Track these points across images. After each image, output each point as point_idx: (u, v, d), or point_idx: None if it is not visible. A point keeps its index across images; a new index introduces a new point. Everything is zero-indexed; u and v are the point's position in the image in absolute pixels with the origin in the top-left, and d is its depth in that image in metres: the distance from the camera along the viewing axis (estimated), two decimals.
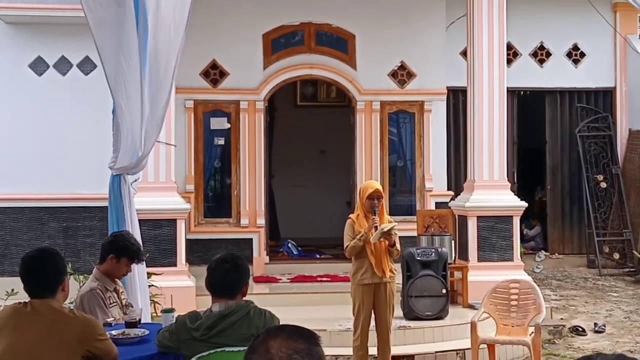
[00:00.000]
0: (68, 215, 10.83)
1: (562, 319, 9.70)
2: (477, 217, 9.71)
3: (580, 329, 9.30)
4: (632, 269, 12.55)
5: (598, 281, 12.07)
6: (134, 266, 5.55)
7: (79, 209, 10.79)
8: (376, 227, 6.91)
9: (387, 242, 6.94)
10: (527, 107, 13.17)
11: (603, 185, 12.96)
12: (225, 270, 4.23)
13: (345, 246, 7.07)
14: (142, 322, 5.05)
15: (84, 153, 10.40)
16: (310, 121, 14.07)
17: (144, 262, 5.98)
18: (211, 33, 10.92)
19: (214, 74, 11.29)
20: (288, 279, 10.69)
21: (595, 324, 9.47)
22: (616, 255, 12.78)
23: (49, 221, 10.85)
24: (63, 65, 10.94)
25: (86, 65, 10.81)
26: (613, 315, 10.00)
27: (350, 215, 7.22)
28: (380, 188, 7.20)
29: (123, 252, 5.20)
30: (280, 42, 11.51)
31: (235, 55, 11.30)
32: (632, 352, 8.50)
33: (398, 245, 7.08)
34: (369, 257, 6.99)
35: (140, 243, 5.63)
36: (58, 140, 10.70)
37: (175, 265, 9.20)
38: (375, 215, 6.95)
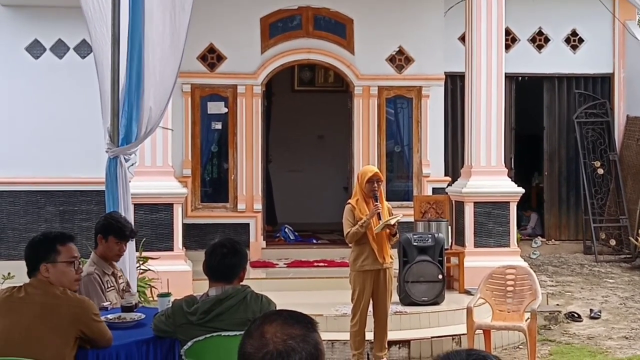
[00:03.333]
0: (65, 199, 10.82)
1: (558, 305, 9.73)
2: (474, 202, 9.72)
3: (576, 315, 9.33)
4: (628, 256, 12.58)
5: (594, 267, 12.09)
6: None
7: (75, 192, 10.78)
8: (379, 214, 6.93)
9: (388, 231, 6.99)
10: (525, 92, 13.15)
11: (600, 171, 12.97)
12: (223, 254, 4.23)
13: (346, 232, 7.07)
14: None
15: (80, 137, 10.38)
16: (307, 106, 14.04)
17: (134, 243, 5.97)
18: (209, 17, 10.87)
19: (212, 58, 11.26)
20: (285, 264, 10.70)
21: (591, 310, 9.50)
22: (612, 242, 12.80)
23: (45, 205, 10.84)
24: (60, 49, 10.90)
25: (83, 49, 10.77)
26: (609, 302, 10.03)
27: (350, 201, 7.22)
28: (379, 172, 7.23)
29: (108, 230, 5.20)
30: (278, 26, 11.47)
31: (233, 39, 11.26)
32: (627, 338, 8.53)
33: (398, 234, 7.15)
34: (370, 243, 7.01)
35: (131, 223, 5.62)
36: (54, 124, 10.68)
37: (171, 249, 9.20)
38: (377, 202, 6.97)
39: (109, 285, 5.21)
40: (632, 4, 9.56)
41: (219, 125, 11.38)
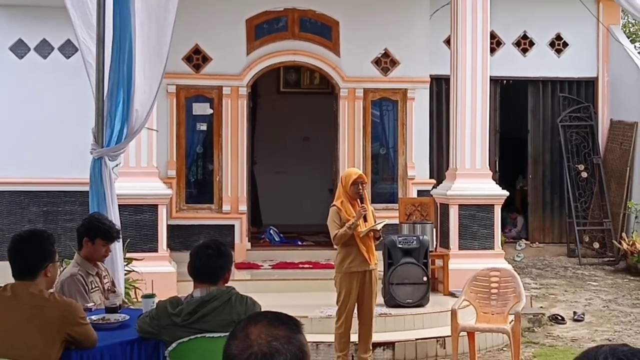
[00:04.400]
0: (48, 199, 10.77)
1: (541, 307, 9.76)
2: (459, 205, 9.75)
3: (560, 318, 9.36)
4: (611, 259, 12.65)
5: (578, 270, 12.15)
6: (114, 247, 5.53)
7: (59, 193, 10.73)
8: (365, 217, 6.97)
9: (372, 234, 7.05)
10: (509, 96, 13.20)
11: (584, 175, 13.03)
12: (208, 255, 4.22)
13: (333, 234, 7.08)
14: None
15: (64, 137, 10.33)
16: (293, 108, 14.04)
17: (121, 243, 5.95)
18: (194, 17, 10.85)
19: (197, 59, 11.24)
20: (270, 265, 10.69)
21: (575, 313, 9.54)
22: (596, 245, 12.87)
23: (29, 205, 10.79)
24: (44, 49, 10.85)
25: (67, 49, 10.72)
26: (592, 304, 10.08)
27: (335, 203, 7.22)
28: (363, 174, 7.29)
29: (95, 233, 5.17)
30: (263, 28, 11.47)
31: (219, 41, 11.25)
32: (610, 340, 8.57)
33: (382, 237, 7.25)
34: (358, 245, 7.03)
35: (118, 224, 5.61)
36: (39, 124, 10.62)
37: (156, 250, 9.17)
38: (363, 203, 7.02)
39: (94, 286, 5.18)
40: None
41: (204, 127, 11.36)
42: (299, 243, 12.03)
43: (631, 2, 9.46)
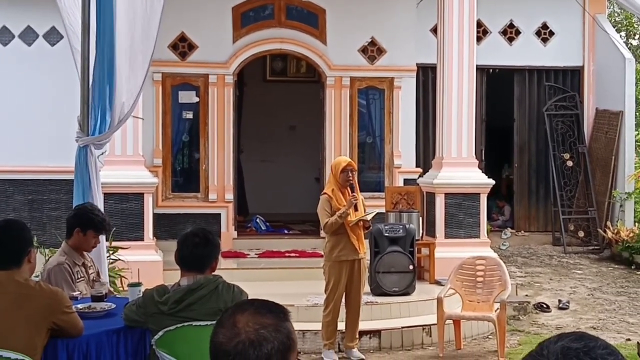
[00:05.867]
0: (33, 188, 10.72)
1: (527, 295, 9.81)
2: (445, 194, 9.77)
3: (545, 306, 9.42)
4: (596, 247, 12.72)
5: (563, 259, 12.21)
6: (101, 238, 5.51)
7: (44, 181, 10.68)
8: (356, 206, 6.98)
9: (362, 223, 7.07)
10: (495, 85, 13.22)
11: (569, 163, 13.08)
12: (196, 244, 4.21)
13: (323, 223, 7.08)
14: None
15: (49, 125, 10.27)
16: (279, 96, 14.00)
17: (105, 235, 5.93)
18: (180, 5, 10.77)
19: (183, 46, 11.18)
20: (256, 254, 10.68)
21: (560, 301, 9.59)
22: (581, 233, 12.93)
23: (14, 194, 10.73)
24: (29, 36, 10.77)
25: (52, 36, 10.65)
26: (577, 293, 10.14)
27: (325, 191, 7.22)
28: (352, 162, 7.31)
29: (88, 224, 5.15)
30: (249, 16, 11.42)
31: (204, 28, 11.19)
32: (595, 328, 8.63)
33: (371, 227, 7.28)
34: (349, 234, 7.04)
35: (105, 214, 5.58)
36: (23, 112, 10.56)
37: (142, 239, 9.14)
38: (353, 192, 7.02)
39: (79, 276, 5.17)
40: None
41: (190, 115, 11.32)
42: (285, 232, 12.03)
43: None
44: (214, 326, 2.00)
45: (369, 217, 7.04)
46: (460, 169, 9.82)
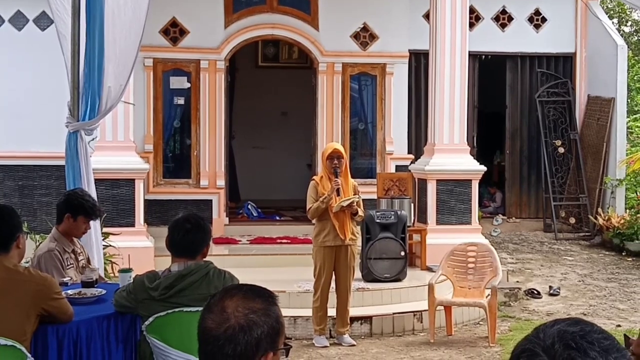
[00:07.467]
0: (24, 173, 10.67)
1: (518, 281, 9.84)
2: (437, 180, 9.76)
3: (536, 292, 9.45)
4: (587, 234, 12.76)
5: (554, 245, 12.25)
6: (92, 223, 5.48)
7: (35, 167, 10.64)
8: (338, 190, 6.96)
9: (347, 210, 7.05)
10: (488, 71, 13.20)
11: (561, 150, 13.09)
12: (187, 230, 4.19)
13: (307, 208, 7.09)
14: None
15: (40, 110, 10.22)
16: (271, 82, 13.96)
17: (99, 220, 5.90)
18: None
19: (174, 32, 11.13)
20: (247, 240, 10.68)
21: (550, 287, 9.63)
22: (572, 220, 12.97)
23: (4, 180, 10.68)
24: (19, 20, 10.70)
25: (43, 21, 10.58)
26: (568, 279, 10.17)
27: (314, 177, 7.25)
28: (341, 149, 7.25)
29: (79, 210, 5.12)
30: (241, 1, 11.36)
31: (196, 13, 11.14)
32: (585, 314, 8.66)
33: (361, 212, 7.21)
34: (332, 219, 7.04)
35: (96, 199, 5.56)
36: (13, 97, 10.50)
37: (133, 225, 9.11)
38: (337, 177, 6.99)
39: (69, 263, 5.14)
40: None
41: (181, 101, 11.28)
42: (277, 218, 12.02)
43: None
44: (202, 312, 1.99)
45: (344, 204, 6.99)
46: (452, 156, 9.81)
